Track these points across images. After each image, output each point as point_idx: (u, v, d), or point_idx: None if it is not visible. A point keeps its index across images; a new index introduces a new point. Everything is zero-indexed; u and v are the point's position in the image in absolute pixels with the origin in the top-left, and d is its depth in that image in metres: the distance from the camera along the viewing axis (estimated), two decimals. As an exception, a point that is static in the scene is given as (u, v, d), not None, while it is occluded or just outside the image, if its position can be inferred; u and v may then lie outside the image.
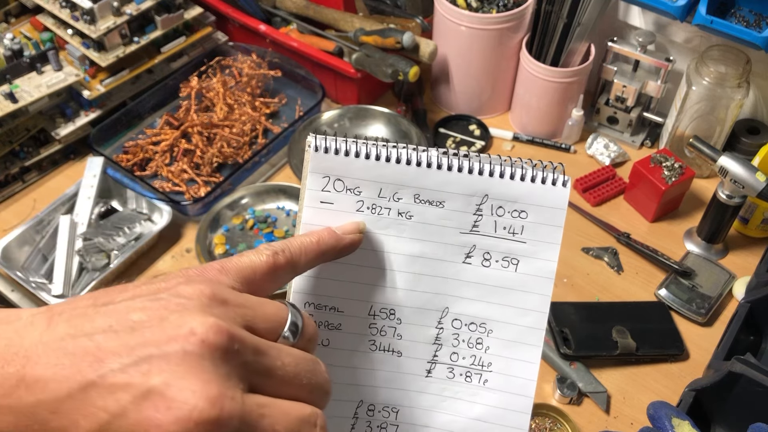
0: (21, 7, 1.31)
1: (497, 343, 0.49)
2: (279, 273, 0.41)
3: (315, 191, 0.46)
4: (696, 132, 1.17)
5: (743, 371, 0.81)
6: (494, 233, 0.48)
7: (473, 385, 0.50)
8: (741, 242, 1.16)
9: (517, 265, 0.49)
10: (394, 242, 0.48)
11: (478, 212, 0.48)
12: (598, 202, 1.21)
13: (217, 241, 1.14)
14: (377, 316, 0.49)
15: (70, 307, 0.36)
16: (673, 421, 0.72)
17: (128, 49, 1.22)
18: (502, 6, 1.24)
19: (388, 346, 0.49)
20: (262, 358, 0.36)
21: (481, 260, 0.49)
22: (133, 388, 0.32)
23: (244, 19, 1.35)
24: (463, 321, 0.49)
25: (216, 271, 0.39)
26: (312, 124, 1.26)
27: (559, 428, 0.93)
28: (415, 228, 0.48)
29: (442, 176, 0.47)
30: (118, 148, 1.24)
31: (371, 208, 0.47)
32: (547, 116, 1.28)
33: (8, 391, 0.34)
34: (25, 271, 1.06)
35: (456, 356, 0.50)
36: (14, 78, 1.17)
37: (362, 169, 0.46)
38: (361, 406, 0.49)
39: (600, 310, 1.05)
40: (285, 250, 0.42)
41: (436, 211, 0.48)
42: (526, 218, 0.48)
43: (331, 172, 0.46)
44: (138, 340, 0.33)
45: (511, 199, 0.48)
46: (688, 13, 1.11)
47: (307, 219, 0.47)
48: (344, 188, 0.47)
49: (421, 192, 0.47)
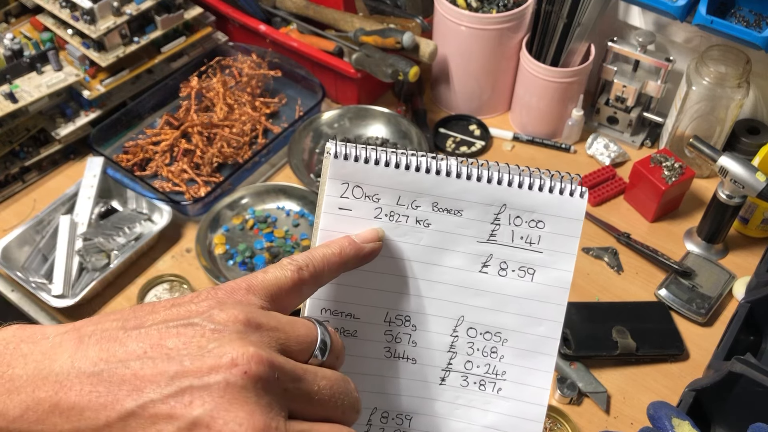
0: (21, 7, 1.31)
1: (511, 352, 0.50)
2: (304, 288, 0.42)
3: (334, 197, 0.47)
4: (696, 132, 1.17)
5: (743, 371, 0.81)
6: (511, 243, 0.49)
7: (487, 393, 0.50)
8: (741, 242, 1.16)
9: (534, 275, 0.49)
10: (412, 250, 0.48)
11: (496, 221, 0.48)
12: (598, 202, 1.21)
13: (217, 241, 1.14)
14: (393, 323, 0.49)
15: (99, 328, 0.35)
16: (673, 421, 0.72)
17: (128, 49, 1.22)
18: (502, 6, 1.24)
19: (403, 353, 0.49)
20: (300, 384, 0.36)
21: (498, 269, 0.49)
22: (177, 420, 0.32)
23: (244, 19, 1.35)
24: (478, 330, 0.49)
25: (244, 292, 0.38)
26: (312, 124, 1.26)
27: (559, 428, 0.93)
28: (433, 236, 0.48)
29: (460, 185, 0.47)
30: (118, 148, 1.24)
31: (389, 215, 0.47)
32: (547, 116, 1.28)
33: (42, 417, 0.33)
34: (25, 271, 1.06)
35: (470, 364, 0.50)
36: (14, 78, 1.17)
37: (381, 177, 0.47)
38: (375, 413, 0.50)
39: (600, 310, 1.05)
40: (309, 265, 0.42)
41: (454, 219, 0.48)
42: (543, 228, 0.49)
43: (351, 178, 0.46)
44: (176, 369, 0.33)
45: (529, 209, 0.48)
46: (688, 13, 1.11)
47: (324, 225, 0.47)
48: (363, 195, 0.47)
49: (439, 200, 0.48)
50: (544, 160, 1.29)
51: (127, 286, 1.09)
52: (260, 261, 1.11)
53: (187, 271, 1.10)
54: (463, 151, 1.29)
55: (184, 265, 1.12)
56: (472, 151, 1.29)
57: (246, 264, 1.11)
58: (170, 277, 1.09)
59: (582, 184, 0.49)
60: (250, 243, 1.14)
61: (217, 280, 1.06)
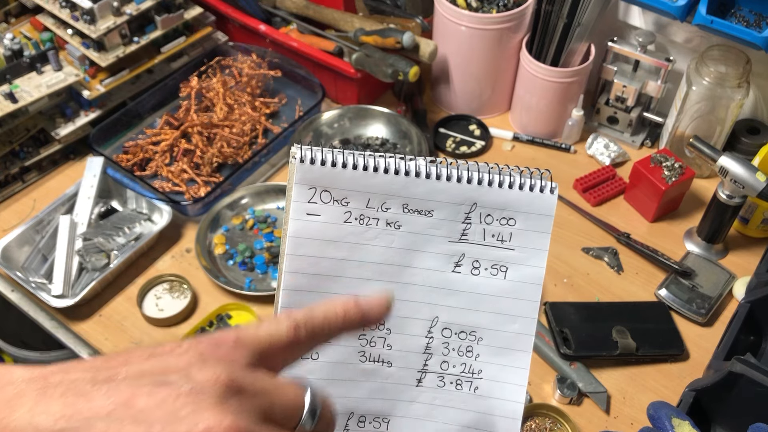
0: (21, 7, 1.31)
1: (487, 350, 0.50)
2: (297, 348, 0.38)
3: (301, 203, 0.46)
4: (696, 132, 1.17)
5: (743, 371, 0.81)
6: (483, 241, 0.49)
7: (464, 392, 0.50)
8: (741, 242, 1.16)
9: (506, 273, 0.49)
10: (383, 252, 0.48)
11: (467, 221, 0.48)
12: (598, 202, 1.21)
13: (217, 241, 1.14)
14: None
15: (66, 378, 0.32)
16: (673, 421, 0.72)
17: (128, 49, 1.22)
18: (502, 6, 1.24)
19: (378, 357, 0.49)
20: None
21: (471, 268, 0.49)
22: None
23: (244, 19, 1.35)
24: (453, 330, 0.49)
25: (231, 346, 0.35)
26: (312, 124, 1.26)
27: (559, 428, 0.93)
28: (404, 238, 0.48)
29: (430, 185, 0.47)
30: (118, 148, 1.24)
31: (359, 218, 0.47)
32: (547, 116, 1.28)
33: None
34: (25, 271, 1.06)
35: (446, 365, 0.50)
36: (14, 78, 1.17)
37: (350, 180, 0.46)
38: (351, 417, 0.49)
39: (600, 310, 1.05)
40: (308, 323, 0.38)
41: (425, 220, 0.48)
42: (514, 225, 0.48)
43: (318, 183, 0.46)
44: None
45: (500, 206, 0.48)
46: (688, 13, 1.11)
47: (293, 232, 0.46)
48: (331, 199, 0.46)
49: (409, 201, 0.47)
50: (544, 160, 1.28)
51: (127, 286, 1.09)
52: (260, 261, 1.11)
53: (186, 271, 1.10)
54: (463, 151, 1.29)
55: (184, 265, 1.12)
56: (472, 151, 1.29)
57: (246, 264, 1.11)
58: (170, 277, 1.09)
59: (552, 180, 0.49)
60: (250, 243, 1.14)
61: (217, 279, 1.06)
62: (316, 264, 0.47)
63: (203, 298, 1.08)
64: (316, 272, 0.47)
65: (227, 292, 1.07)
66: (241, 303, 1.06)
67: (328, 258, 0.47)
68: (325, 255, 0.47)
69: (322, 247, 0.47)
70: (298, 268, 0.47)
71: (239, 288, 1.06)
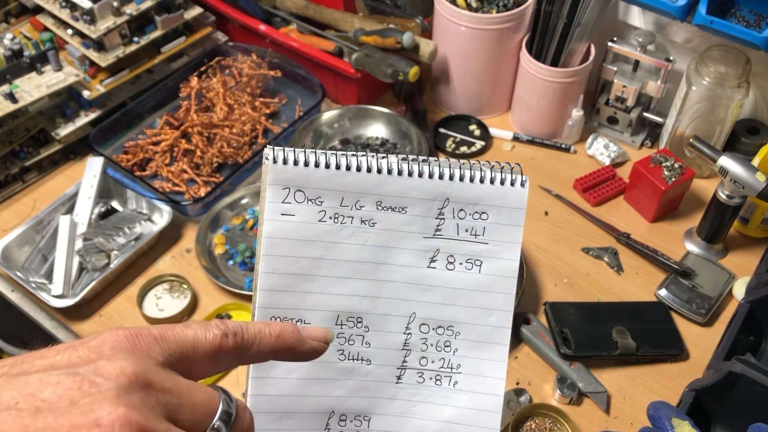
0: (21, 7, 1.31)
1: (465, 345, 0.50)
2: (222, 357, 0.37)
3: (276, 204, 0.46)
4: (696, 132, 1.17)
5: (743, 371, 0.81)
6: (457, 236, 0.49)
7: (443, 387, 0.50)
8: (741, 242, 1.16)
9: (481, 267, 0.49)
10: (359, 250, 0.48)
11: (440, 216, 0.49)
12: (598, 202, 1.21)
13: (217, 241, 1.14)
14: (344, 325, 0.49)
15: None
16: (673, 421, 0.72)
17: (128, 49, 1.22)
18: (502, 6, 1.24)
19: (357, 355, 0.49)
20: None
21: (446, 264, 0.49)
22: None
23: (244, 19, 1.35)
24: (431, 325, 0.50)
25: (151, 340, 0.35)
26: (312, 124, 1.26)
27: (559, 428, 0.93)
28: (379, 235, 0.48)
29: (403, 182, 0.48)
30: (118, 148, 1.24)
31: (334, 217, 0.47)
32: (547, 116, 1.28)
33: None
34: (25, 271, 1.06)
35: (425, 360, 0.50)
36: (14, 78, 1.17)
37: (323, 179, 0.47)
38: (332, 417, 0.49)
39: (600, 310, 1.05)
40: (237, 334, 0.38)
41: (399, 217, 0.48)
42: (487, 219, 0.49)
43: (292, 183, 0.46)
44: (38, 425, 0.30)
45: (472, 201, 0.49)
46: (688, 13, 1.11)
47: (268, 233, 0.46)
48: (305, 199, 0.47)
49: (383, 199, 0.48)
50: (544, 160, 1.29)
51: (127, 286, 1.09)
52: (260, 261, 1.11)
53: (187, 271, 1.10)
54: (463, 151, 1.30)
55: (184, 265, 1.12)
56: (472, 151, 1.29)
57: (246, 264, 1.11)
58: (170, 277, 1.09)
59: (522, 173, 0.49)
60: (250, 243, 1.14)
61: (217, 279, 1.06)
62: (292, 264, 0.47)
63: (203, 298, 1.08)
64: (292, 272, 0.48)
65: (227, 292, 1.07)
66: (241, 303, 1.06)
67: (304, 257, 0.48)
68: (300, 254, 0.47)
69: (297, 247, 0.47)
70: (275, 269, 0.47)
71: (239, 288, 1.06)
